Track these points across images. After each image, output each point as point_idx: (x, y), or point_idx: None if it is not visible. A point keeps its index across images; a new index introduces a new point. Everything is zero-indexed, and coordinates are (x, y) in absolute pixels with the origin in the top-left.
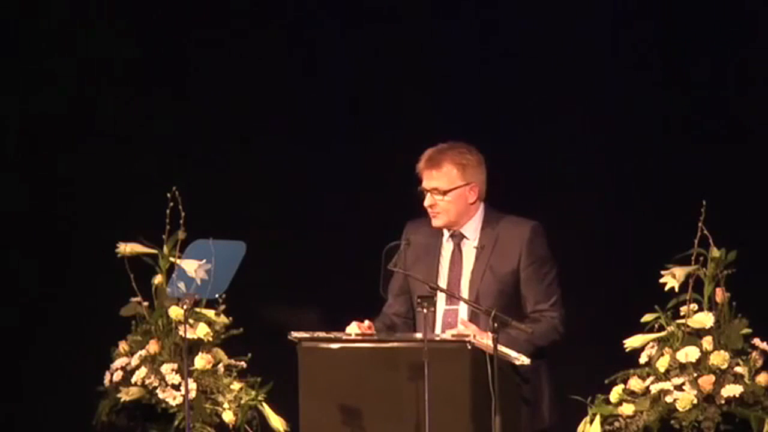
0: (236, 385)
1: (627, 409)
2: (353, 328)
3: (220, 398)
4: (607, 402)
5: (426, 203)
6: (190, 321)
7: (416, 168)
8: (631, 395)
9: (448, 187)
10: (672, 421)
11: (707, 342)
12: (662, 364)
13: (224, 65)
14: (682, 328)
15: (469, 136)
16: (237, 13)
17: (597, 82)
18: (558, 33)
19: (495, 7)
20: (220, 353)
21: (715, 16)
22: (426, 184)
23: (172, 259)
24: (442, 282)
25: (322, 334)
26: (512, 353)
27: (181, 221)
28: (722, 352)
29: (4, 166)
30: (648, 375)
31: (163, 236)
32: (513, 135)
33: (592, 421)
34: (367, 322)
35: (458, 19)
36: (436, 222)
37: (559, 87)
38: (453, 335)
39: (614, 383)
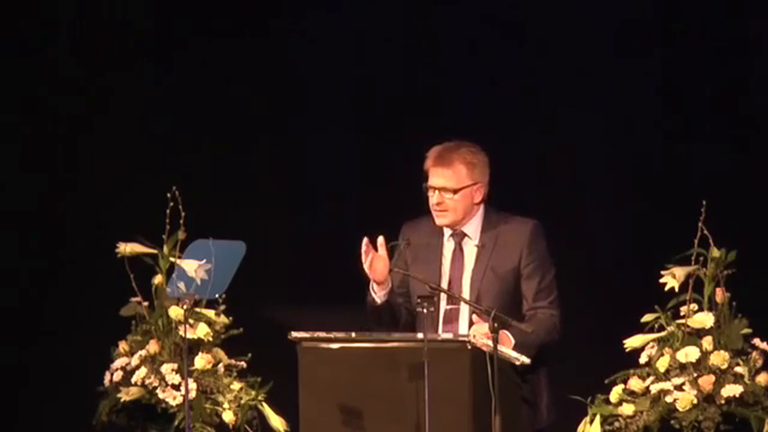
0: (236, 385)
1: (627, 409)
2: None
3: (220, 398)
4: (607, 402)
5: (433, 201)
6: (190, 321)
7: (424, 165)
8: (631, 395)
9: (458, 185)
10: (672, 421)
11: (707, 342)
12: (662, 364)
13: (224, 64)
14: (682, 328)
15: (469, 136)
16: (236, 11)
17: (597, 81)
18: (558, 32)
19: (495, 6)
20: (220, 353)
21: (717, 15)
22: (434, 181)
23: (172, 259)
24: (444, 281)
25: (322, 334)
26: (512, 353)
27: (181, 221)
28: (722, 352)
29: (6, 168)
30: (648, 375)
31: (163, 236)
32: (512, 134)
33: (592, 421)
34: (380, 239)
35: (458, 17)
36: (440, 220)
37: (559, 86)
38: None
39: (614, 383)
